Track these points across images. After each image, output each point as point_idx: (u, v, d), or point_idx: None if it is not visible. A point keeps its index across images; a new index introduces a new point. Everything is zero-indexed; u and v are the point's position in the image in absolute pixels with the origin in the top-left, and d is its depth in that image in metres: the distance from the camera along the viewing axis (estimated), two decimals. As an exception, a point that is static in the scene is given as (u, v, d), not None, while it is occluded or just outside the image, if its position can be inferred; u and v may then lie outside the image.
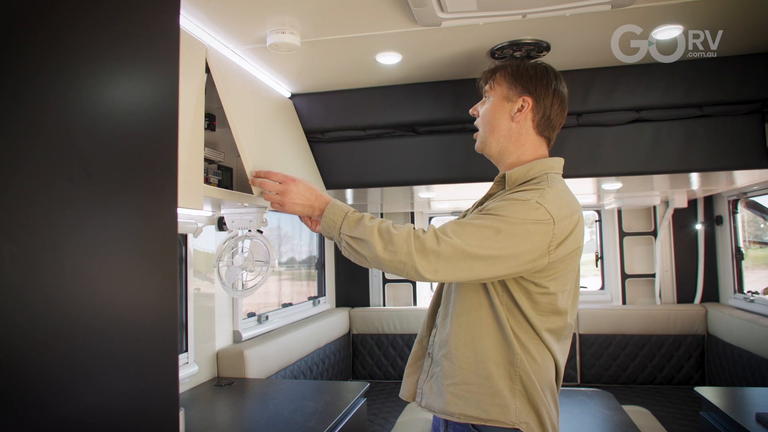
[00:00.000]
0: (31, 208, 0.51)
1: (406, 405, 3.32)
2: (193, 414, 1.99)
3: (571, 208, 1.29)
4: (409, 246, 1.25)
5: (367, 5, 1.52)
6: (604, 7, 1.49)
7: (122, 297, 0.64)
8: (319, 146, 2.30)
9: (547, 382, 1.33)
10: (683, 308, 3.81)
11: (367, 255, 1.31)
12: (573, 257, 1.31)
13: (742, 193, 3.51)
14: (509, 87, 1.43)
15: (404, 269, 1.27)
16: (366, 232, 1.31)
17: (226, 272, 2.14)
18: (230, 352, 2.56)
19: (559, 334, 1.36)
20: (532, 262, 1.24)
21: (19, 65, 0.51)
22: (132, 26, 0.66)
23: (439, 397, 1.38)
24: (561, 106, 1.43)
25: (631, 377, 3.80)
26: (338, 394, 2.20)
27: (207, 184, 1.73)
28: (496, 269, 1.25)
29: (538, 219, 1.23)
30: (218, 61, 1.69)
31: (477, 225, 1.25)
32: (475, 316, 1.35)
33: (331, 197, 1.47)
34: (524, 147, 1.42)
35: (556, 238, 1.24)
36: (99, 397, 0.61)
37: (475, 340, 1.34)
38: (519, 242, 1.22)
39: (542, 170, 1.38)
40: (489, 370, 1.31)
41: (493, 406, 1.30)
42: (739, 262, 3.65)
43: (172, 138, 0.72)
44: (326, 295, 4.18)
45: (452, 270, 1.24)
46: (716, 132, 1.98)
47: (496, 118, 1.44)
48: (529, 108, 1.40)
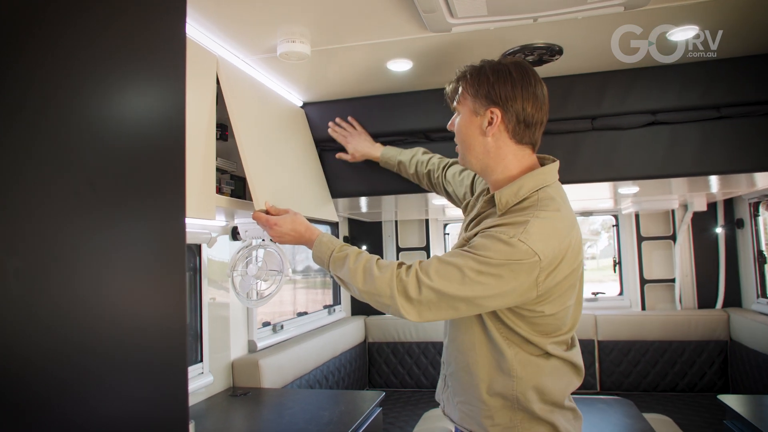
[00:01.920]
0: (36, 222, 0.51)
1: (422, 414, 3.29)
2: (208, 425, 1.98)
3: (559, 235, 1.21)
4: (392, 289, 1.24)
5: (377, 12, 1.52)
6: (616, 9, 1.47)
7: (129, 310, 0.64)
8: (332, 155, 2.30)
9: (558, 392, 1.30)
10: (704, 313, 3.74)
11: (354, 292, 1.35)
12: (569, 279, 1.25)
13: (763, 196, 3.43)
14: (473, 99, 1.34)
15: (389, 311, 1.28)
16: (350, 274, 1.32)
17: (240, 282, 2.14)
18: (245, 362, 2.56)
19: (567, 343, 1.34)
20: (518, 297, 1.20)
21: (22, 77, 0.51)
22: (137, 36, 0.66)
23: (454, 410, 1.40)
24: (535, 103, 1.31)
25: (652, 384, 3.73)
26: (353, 404, 2.18)
27: (220, 194, 1.74)
28: (482, 308, 1.23)
29: (521, 258, 1.16)
30: (228, 72, 1.70)
31: (459, 266, 1.20)
32: (468, 342, 1.34)
33: (321, 231, 1.51)
34: (506, 160, 1.33)
35: (544, 270, 1.18)
36: (106, 411, 0.60)
37: (470, 366, 1.33)
38: (503, 282, 1.17)
39: (534, 187, 1.29)
40: (483, 397, 1.30)
41: (494, 426, 1.29)
42: (762, 265, 3.57)
43: (179, 149, 0.72)
44: (341, 303, 4.17)
45: (436, 312, 1.23)
46: (734, 134, 1.94)
47: (468, 135, 1.37)
48: (498, 120, 1.30)
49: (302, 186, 2.02)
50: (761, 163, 1.93)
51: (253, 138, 1.72)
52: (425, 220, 4.45)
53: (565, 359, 1.31)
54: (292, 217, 1.54)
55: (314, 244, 1.46)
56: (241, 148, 1.63)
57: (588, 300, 4.19)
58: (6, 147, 0.49)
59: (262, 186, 1.65)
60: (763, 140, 1.92)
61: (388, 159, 2.06)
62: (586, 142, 2.05)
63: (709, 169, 1.98)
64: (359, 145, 2.13)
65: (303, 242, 1.52)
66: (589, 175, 2.05)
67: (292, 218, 1.53)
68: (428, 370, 4.04)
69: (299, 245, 1.56)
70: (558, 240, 1.20)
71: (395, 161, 2.04)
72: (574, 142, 2.05)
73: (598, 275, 7.23)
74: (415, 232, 4.54)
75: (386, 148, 2.08)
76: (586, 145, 2.05)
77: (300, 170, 2.05)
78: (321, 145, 2.30)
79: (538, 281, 1.18)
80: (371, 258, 1.33)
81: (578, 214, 4.29)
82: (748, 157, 1.94)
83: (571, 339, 1.35)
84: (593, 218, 5.45)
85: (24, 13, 0.51)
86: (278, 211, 1.59)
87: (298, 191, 1.97)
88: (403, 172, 2.04)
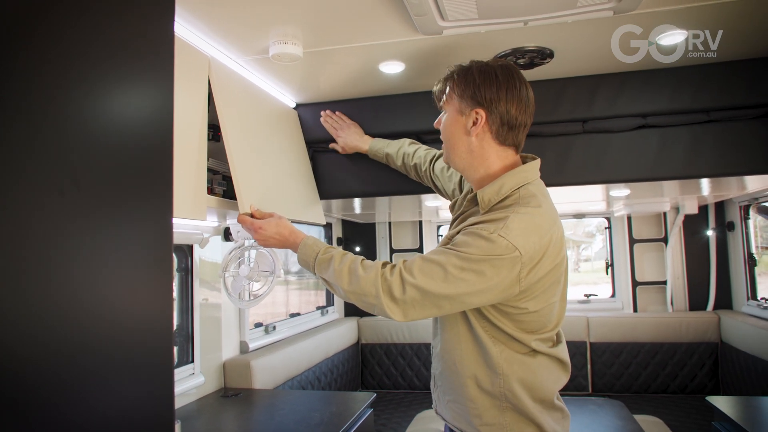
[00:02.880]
0: (18, 219, 0.51)
1: (414, 415, 3.30)
2: (198, 426, 1.98)
3: (540, 231, 1.23)
4: (377, 289, 1.26)
5: (369, 15, 1.52)
6: (606, 13, 1.48)
7: (115, 309, 0.64)
8: (325, 156, 2.30)
9: (546, 389, 1.31)
10: (696, 316, 3.76)
11: (340, 293, 1.37)
12: (551, 275, 1.27)
13: (753, 199, 3.46)
14: (459, 99, 1.37)
15: (374, 310, 1.30)
16: (335, 275, 1.34)
17: (232, 282, 2.14)
18: (237, 363, 2.55)
19: (553, 339, 1.35)
20: (501, 293, 1.21)
21: (5, 74, 0.51)
22: (125, 34, 0.66)
23: (446, 409, 1.40)
24: (519, 106, 1.32)
25: (643, 386, 3.75)
26: (345, 405, 2.18)
27: (212, 194, 1.74)
28: (465, 305, 1.24)
29: (502, 254, 1.18)
30: (219, 73, 1.70)
31: (441, 263, 1.22)
32: (454, 340, 1.35)
33: (306, 234, 1.52)
34: (489, 160, 1.36)
35: (526, 265, 1.19)
36: (91, 410, 0.60)
37: (456, 363, 1.34)
38: (485, 278, 1.18)
39: (515, 185, 1.31)
40: (471, 394, 1.31)
41: (483, 425, 1.30)
42: (752, 268, 3.60)
43: (167, 148, 0.72)
44: (335, 304, 4.17)
45: (420, 311, 1.24)
46: (724, 137, 1.95)
47: (453, 134, 1.39)
48: (483, 121, 1.33)
49: (290, 188, 2.02)
50: (751, 166, 1.95)
51: (241, 140, 1.72)
52: (419, 222, 4.46)
53: (551, 356, 1.32)
54: (276, 220, 1.54)
55: (299, 247, 1.46)
56: (228, 150, 1.63)
57: (580, 302, 4.21)
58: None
59: (248, 188, 1.65)
60: (752, 143, 1.94)
61: (376, 152, 2.09)
62: (576, 145, 2.06)
63: (700, 172, 2.00)
64: (348, 138, 2.15)
65: (288, 246, 1.52)
66: (580, 178, 2.06)
67: (277, 222, 1.54)
68: (421, 371, 4.04)
69: (285, 249, 1.56)
70: (539, 236, 1.22)
71: (383, 153, 2.07)
72: (565, 145, 2.06)
73: (593, 277, 7.22)
74: (408, 233, 4.54)
75: (374, 141, 2.11)
76: (577, 147, 2.07)
77: (288, 172, 2.05)
78: (314, 147, 2.30)
79: (520, 277, 1.20)
80: (356, 259, 1.35)
81: (570, 216, 4.31)
82: (738, 161, 1.96)
83: (556, 335, 1.36)
84: (588, 220, 5.47)
85: (7, 10, 0.51)
86: (263, 215, 1.59)
87: (285, 193, 1.97)
88: (392, 164, 2.07)
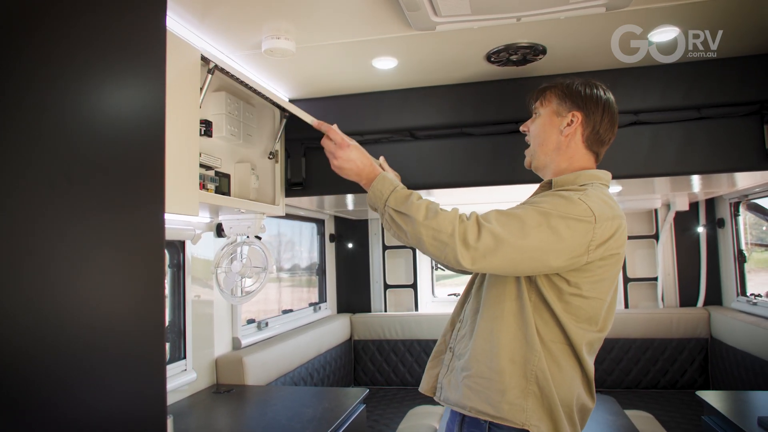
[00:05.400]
0: (9, 213, 0.50)
1: (407, 411, 3.30)
2: (190, 421, 1.98)
3: (613, 212, 1.28)
4: (454, 228, 1.23)
5: (362, 10, 1.52)
6: (598, 10, 1.49)
7: (106, 304, 0.63)
8: (318, 152, 2.29)
9: (571, 392, 1.29)
10: (686, 312, 3.79)
11: (409, 231, 1.31)
12: (613, 263, 1.30)
13: (743, 196, 3.49)
14: (559, 103, 1.43)
15: (444, 250, 1.25)
16: (413, 208, 1.30)
17: (225, 279, 2.13)
18: (229, 359, 2.55)
19: (591, 346, 1.34)
20: (570, 259, 1.22)
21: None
22: (117, 29, 0.66)
23: (456, 390, 1.36)
24: (611, 121, 1.43)
25: (634, 382, 3.78)
26: (337, 401, 2.18)
27: (204, 190, 1.73)
28: (534, 262, 1.23)
29: (580, 216, 1.22)
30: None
31: (520, 216, 1.23)
32: (498, 309, 1.33)
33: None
34: (573, 158, 1.43)
35: (597, 238, 1.23)
36: (83, 406, 0.60)
37: (493, 332, 1.32)
38: (559, 237, 1.20)
39: (590, 179, 1.38)
40: (502, 365, 1.28)
41: (503, 403, 1.27)
42: (742, 264, 3.63)
43: (158, 143, 0.72)
44: (327, 301, 4.16)
45: (489, 261, 1.22)
46: (715, 134, 1.97)
47: (545, 131, 1.45)
48: (578, 122, 1.40)
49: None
50: (742, 162, 1.96)
51: None
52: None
53: (581, 361, 1.31)
54: (361, 148, 1.53)
55: (378, 179, 1.44)
56: None
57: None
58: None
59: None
60: (743, 140, 1.95)
61: None
62: (569, 141, 2.07)
63: (691, 169, 2.01)
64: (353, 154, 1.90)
65: (365, 174, 1.50)
66: None
67: (361, 150, 1.53)
68: (413, 367, 4.05)
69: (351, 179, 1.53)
70: (612, 214, 1.27)
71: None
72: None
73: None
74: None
75: None
76: (570, 144, 2.07)
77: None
78: (308, 143, 2.29)
79: (590, 247, 1.22)
80: (435, 201, 1.34)
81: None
82: (729, 157, 1.97)
83: (594, 345, 1.35)
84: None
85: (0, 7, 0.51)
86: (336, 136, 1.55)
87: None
88: None
